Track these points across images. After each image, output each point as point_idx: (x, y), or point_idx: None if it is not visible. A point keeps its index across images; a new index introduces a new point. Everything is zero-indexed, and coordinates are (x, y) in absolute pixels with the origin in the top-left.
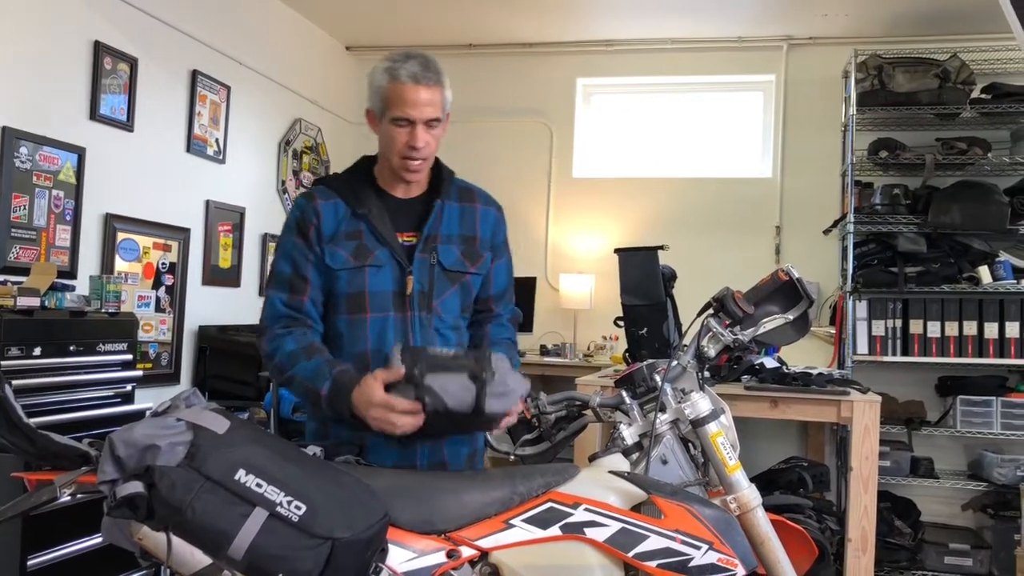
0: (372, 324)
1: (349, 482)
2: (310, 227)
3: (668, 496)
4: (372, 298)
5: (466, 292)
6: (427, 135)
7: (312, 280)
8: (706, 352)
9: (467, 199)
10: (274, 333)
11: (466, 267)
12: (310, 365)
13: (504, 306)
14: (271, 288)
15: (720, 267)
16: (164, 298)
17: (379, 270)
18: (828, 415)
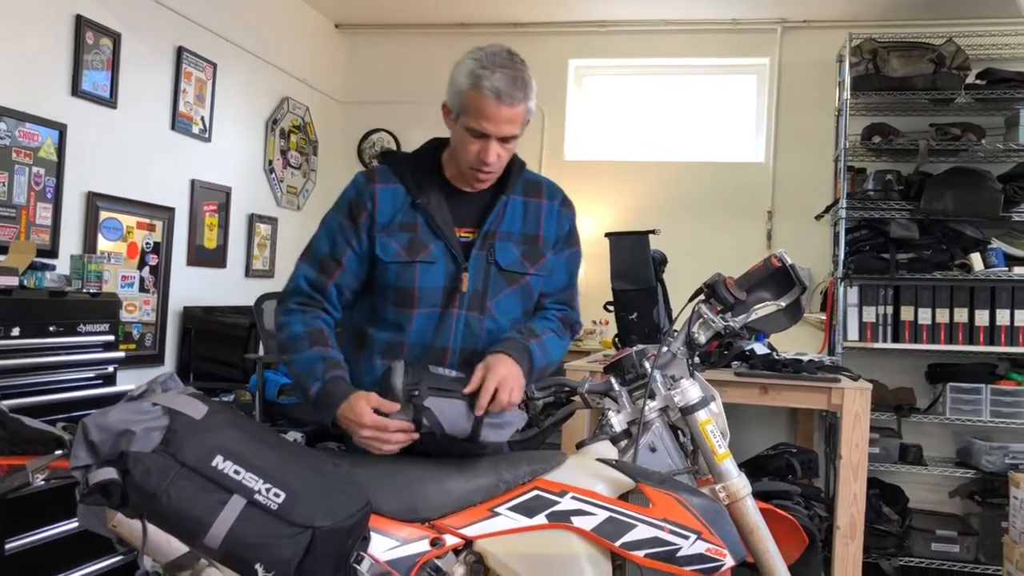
0: (418, 318)
1: (330, 469)
2: (363, 212)
3: (656, 485)
4: (422, 293)
5: (527, 294)
6: (501, 149)
7: (347, 266)
8: (696, 338)
9: (533, 193)
10: (288, 307)
11: (525, 268)
12: (307, 356)
13: (557, 304)
14: (302, 259)
15: (711, 252)
16: (148, 278)
17: (431, 266)
18: (818, 402)
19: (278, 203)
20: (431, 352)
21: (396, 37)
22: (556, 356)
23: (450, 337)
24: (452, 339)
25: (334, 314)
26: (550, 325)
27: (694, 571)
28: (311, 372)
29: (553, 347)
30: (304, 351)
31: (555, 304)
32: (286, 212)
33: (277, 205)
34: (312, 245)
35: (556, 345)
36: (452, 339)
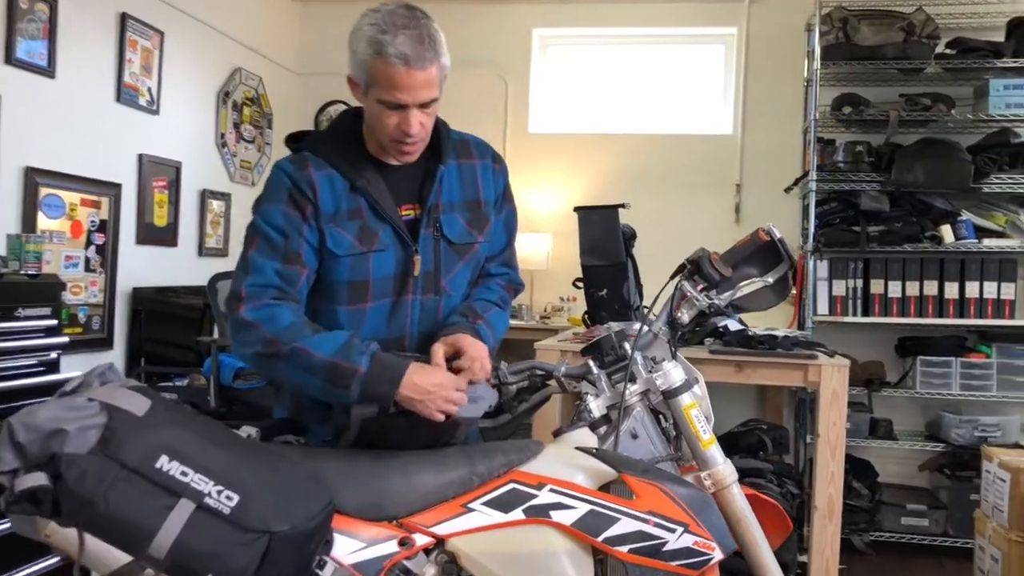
0: (371, 314)
1: (287, 467)
2: (306, 202)
3: (640, 474)
4: (375, 285)
5: (476, 263)
6: (423, 116)
7: (307, 262)
8: (679, 318)
9: (464, 154)
10: (263, 302)
11: (474, 236)
12: (332, 338)
13: (497, 266)
14: (258, 252)
15: (679, 226)
16: (94, 258)
17: (383, 254)
18: (794, 379)
19: (231, 178)
20: (387, 344)
21: (353, 4)
22: (501, 332)
23: (406, 324)
24: (408, 326)
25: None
26: (491, 298)
27: (681, 566)
28: (350, 349)
29: (498, 323)
30: (316, 336)
31: (497, 267)
32: (240, 188)
33: (230, 180)
34: (261, 236)
35: (501, 320)
36: (408, 326)
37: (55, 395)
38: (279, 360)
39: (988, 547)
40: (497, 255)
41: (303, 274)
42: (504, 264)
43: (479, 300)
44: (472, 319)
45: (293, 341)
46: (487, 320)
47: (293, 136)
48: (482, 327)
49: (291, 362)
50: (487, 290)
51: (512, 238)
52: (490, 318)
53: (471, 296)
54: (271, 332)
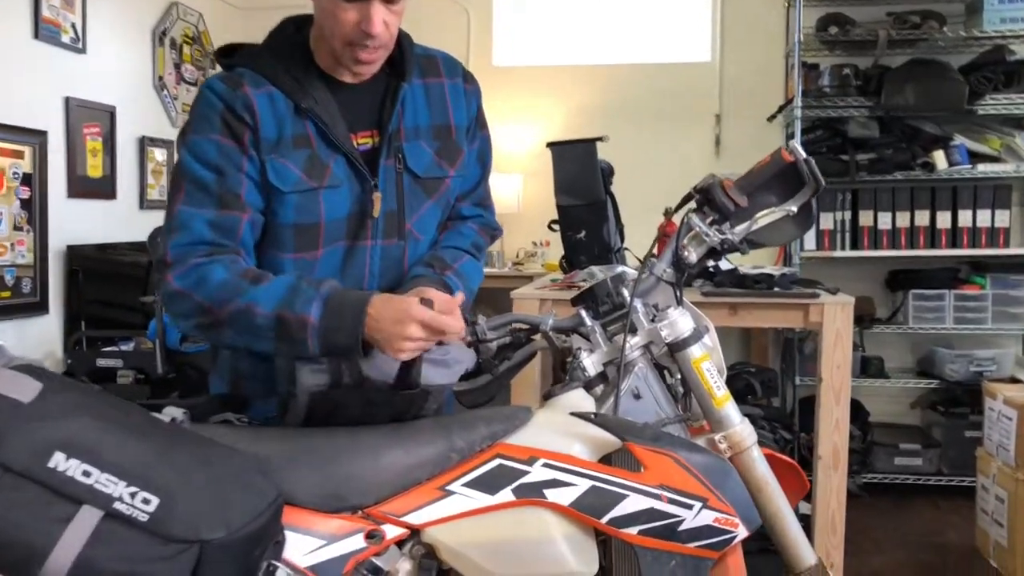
0: (322, 263)
1: (222, 458)
2: (243, 128)
3: (648, 442)
4: (327, 228)
5: (446, 203)
6: (387, 13)
7: (249, 201)
8: (686, 257)
9: (431, 72)
10: (189, 265)
11: (444, 170)
12: (274, 287)
13: (469, 206)
14: (185, 202)
15: (656, 162)
16: (20, 214)
17: (335, 191)
18: (794, 320)
19: (173, 124)
20: None
21: None
22: (475, 284)
23: (364, 275)
24: (367, 278)
25: (249, 262)
26: (463, 244)
27: (700, 548)
28: (296, 296)
29: (471, 274)
30: (256, 288)
31: (470, 208)
32: None
33: (172, 126)
34: (189, 178)
35: (473, 270)
36: (367, 278)
37: None
38: (221, 327)
39: (992, 487)
40: (469, 193)
41: (243, 219)
42: (478, 204)
43: (448, 248)
44: (440, 269)
45: (230, 301)
46: (457, 270)
47: (224, 50)
48: (451, 279)
49: (235, 327)
50: (458, 235)
51: (487, 173)
52: (461, 268)
53: (439, 243)
54: (203, 297)
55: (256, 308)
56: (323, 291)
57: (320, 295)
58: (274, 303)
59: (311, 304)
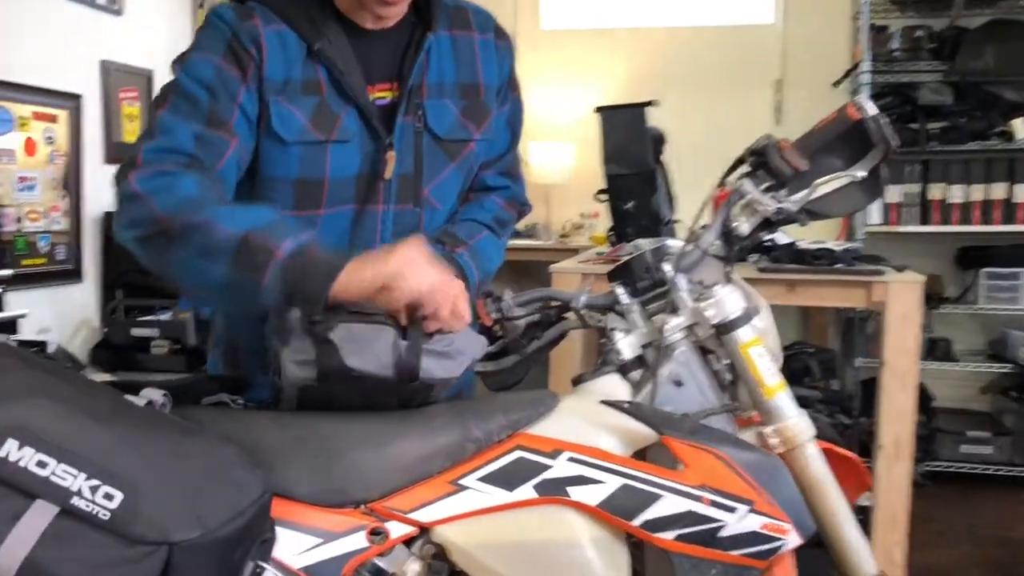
0: (325, 224)
1: (200, 447)
2: (248, 60)
3: (688, 436)
4: (333, 187)
5: (469, 170)
6: None
7: (238, 132)
8: (736, 229)
9: (460, 24)
10: (158, 169)
11: (469, 132)
12: (251, 211)
13: (495, 176)
14: (170, 111)
15: (712, 130)
16: (55, 179)
17: (344, 146)
18: (856, 299)
19: None
20: None
21: None
22: (493, 265)
23: (374, 243)
24: (377, 246)
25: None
26: (483, 218)
27: (744, 556)
28: (269, 226)
29: (488, 253)
30: (222, 208)
31: (496, 178)
32: None
33: None
34: (178, 92)
35: (492, 249)
36: (377, 246)
37: None
38: (168, 241)
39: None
40: (495, 161)
41: (231, 145)
42: (504, 174)
43: (466, 221)
44: (450, 246)
45: (192, 215)
46: (472, 248)
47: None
48: (463, 257)
49: (184, 242)
50: (479, 208)
51: (516, 141)
52: (477, 245)
53: (457, 215)
54: (161, 207)
55: (218, 224)
56: (304, 236)
57: (300, 237)
58: (244, 225)
59: (286, 238)
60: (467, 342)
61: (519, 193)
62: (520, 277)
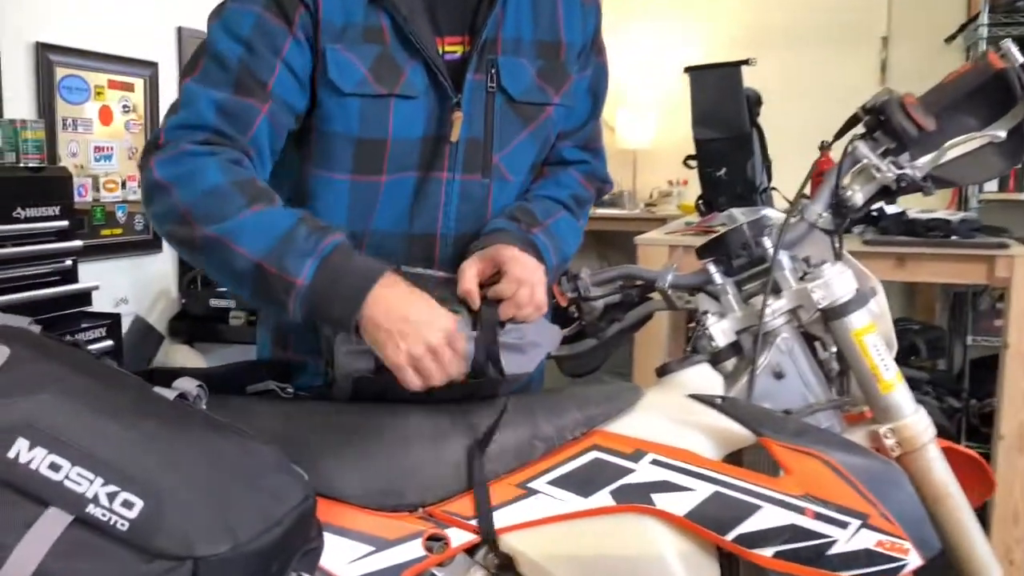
0: (387, 193)
1: (237, 447)
2: (297, 7)
3: (790, 438)
4: (395, 149)
5: (545, 138)
6: None
7: (277, 93)
8: (849, 198)
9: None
10: (180, 150)
11: (547, 95)
12: (269, 222)
13: (573, 148)
14: (196, 79)
15: (810, 89)
16: (132, 149)
17: (408, 103)
18: (975, 275)
19: None
20: (407, 245)
21: None
22: (571, 249)
23: (437, 217)
24: (441, 220)
25: (260, 171)
26: (560, 196)
27: None
28: (286, 246)
29: (566, 235)
30: (243, 215)
31: (574, 151)
32: None
33: None
34: (210, 55)
35: (570, 231)
36: (441, 220)
37: None
38: (196, 250)
39: None
40: (575, 131)
41: (261, 111)
42: (584, 147)
43: (542, 198)
44: (527, 225)
45: (212, 221)
46: (549, 229)
47: None
48: (539, 238)
49: (210, 257)
50: (555, 184)
51: (598, 109)
52: (554, 226)
53: (531, 190)
54: (184, 200)
55: (235, 246)
56: (324, 247)
57: (319, 252)
58: (259, 248)
59: (304, 261)
60: (541, 333)
61: (599, 169)
62: (603, 248)
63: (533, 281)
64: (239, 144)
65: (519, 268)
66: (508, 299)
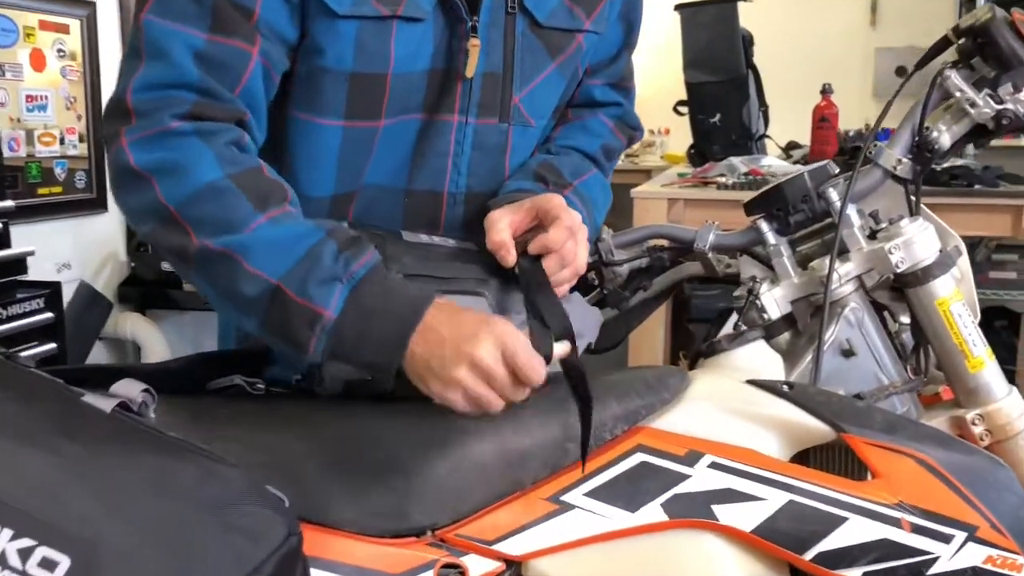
0: (383, 141)
1: (191, 475)
2: None
3: (881, 434)
4: (396, 85)
5: (573, 74)
6: None
7: (267, 23)
8: (934, 140)
9: None
10: (161, 128)
11: (577, 21)
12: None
13: (604, 87)
14: (155, 11)
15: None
16: (70, 98)
17: (413, 27)
18: (1000, 227)
19: None
20: (405, 204)
21: None
22: (601, 215)
23: (445, 170)
24: (449, 174)
25: (256, 135)
26: (590, 149)
27: None
28: (308, 268)
29: (597, 199)
30: (253, 223)
31: (605, 91)
32: None
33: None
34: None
35: (601, 194)
36: (449, 174)
37: None
38: (186, 262)
39: None
40: (606, 66)
41: (252, 54)
42: (616, 85)
43: (569, 150)
44: (555, 186)
45: (215, 231)
46: (578, 190)
47: None
48: (572, 200)
49: (208, 272)
50: (584, 132)
51: (632, 40)
52: (585, 187)
53: (553, 138)
54: (170, 197)
55: (247, 264)
56: (356, 270)
57: (351, 276)
58: (278, 267)
59: (332, 288)
60: (580, 319)
61: (631, 113)
62: None
63: (579, 238)
64: (232, 109)
65: (569, 216)
66: (555, 252)
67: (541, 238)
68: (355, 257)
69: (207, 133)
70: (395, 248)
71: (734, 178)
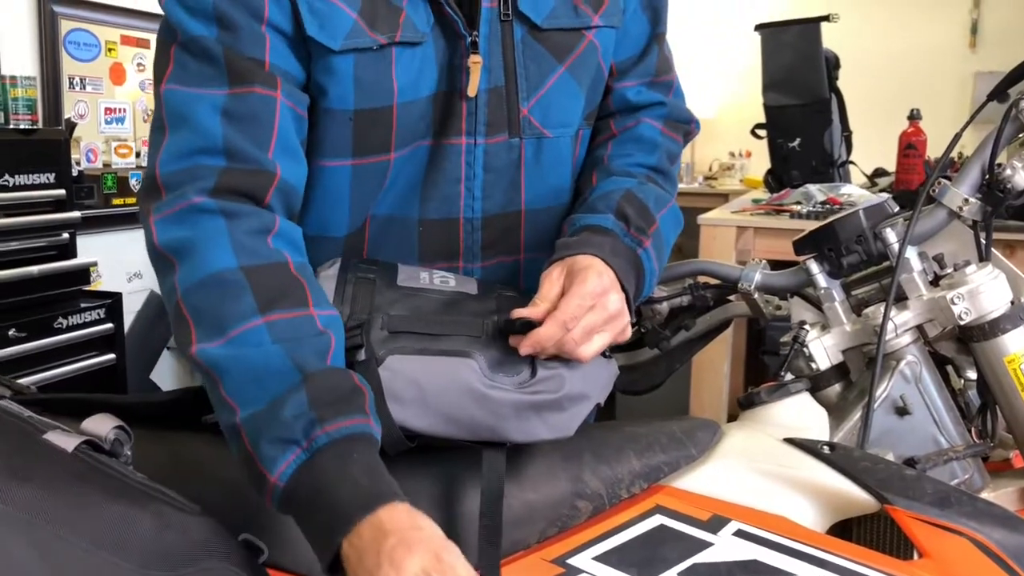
0: (396, 172)
1: (151, 523)
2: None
3: (931, 508)
4: (403, 115)
5: (590, 75)
6: None
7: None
8: (1008, 178)
9: None
10: (185, 202)
11: (583, 17)
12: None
13: (638, 88)
14: (175, 79)
15: (893, 52)
16: (147, 111)
17: (414, 51)
18: None
19: None
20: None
21: None
22: (668, 249)
23: (459, 196)
24: (463, 199)
25: (292, 199)
26: (657, 163)
27: None
28: (265, 422)
29: (668, 233)
30: (245, 322)
31: (640, 91)
32: None
33: None
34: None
35: (673, 223)
36: (463, 199)
37: None
38: (193, 364)
39: None
40: (634, 63)
41: (276, 98)
42: (651, 82)
43: (643, 174)
44: (637, 230)
45: (203, 332)
46: (659, 234)
47: None
48: (648, 256)
49: (202, 378)
50: (638, 145)
51: (660, 28)
52: (664, 225)
53: (610, 158)
54: (182, 285)
55: (221, 386)
56: (318, 436)
57: (312, 443)
58: (245, 402)
59: (287, 451)
60: (587, 379)
61: (678, 107)
62: None
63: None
64: (261, 172)
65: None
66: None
67: (533, 335)
68: (325, 420)
69: (232, 215)
70: (383, 297)
71: (809, 207)
